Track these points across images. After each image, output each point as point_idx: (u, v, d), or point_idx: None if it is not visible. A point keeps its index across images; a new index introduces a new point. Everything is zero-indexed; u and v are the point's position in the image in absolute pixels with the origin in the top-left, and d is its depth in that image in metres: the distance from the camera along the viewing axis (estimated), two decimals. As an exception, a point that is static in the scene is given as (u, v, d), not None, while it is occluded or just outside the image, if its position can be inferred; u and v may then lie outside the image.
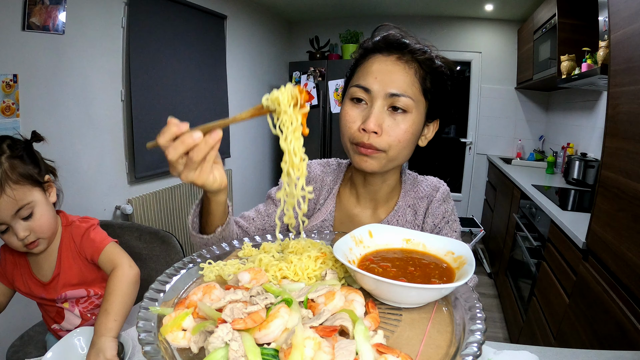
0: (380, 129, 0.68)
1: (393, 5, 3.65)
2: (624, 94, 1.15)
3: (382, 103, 0.69)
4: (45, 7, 1.74)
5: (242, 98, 3.52)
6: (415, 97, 0.69)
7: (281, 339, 0.38)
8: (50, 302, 0.95)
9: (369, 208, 0.83)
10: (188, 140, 0.52)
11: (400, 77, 0.69)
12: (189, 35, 2.67)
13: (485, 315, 0.42)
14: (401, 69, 0.69)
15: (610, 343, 1.07)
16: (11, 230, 0.81)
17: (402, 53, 0.70)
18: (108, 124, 2.17)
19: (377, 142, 0.69)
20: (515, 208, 2.40)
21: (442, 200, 0.82)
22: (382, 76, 0.69)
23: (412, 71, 0.70)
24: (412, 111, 0.69)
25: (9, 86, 1.62)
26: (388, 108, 0.69)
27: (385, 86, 0.68)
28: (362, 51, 0.75)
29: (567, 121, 3.08)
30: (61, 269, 0.92)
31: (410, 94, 0.69)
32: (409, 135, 0.70)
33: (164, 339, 0.40)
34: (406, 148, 0.72)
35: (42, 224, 0.84)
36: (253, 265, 0.55)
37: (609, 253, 1.16)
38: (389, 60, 0.70)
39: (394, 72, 0.69)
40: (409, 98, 0.68)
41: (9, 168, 0.79)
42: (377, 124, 0.68)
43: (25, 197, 0.81)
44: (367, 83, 0.70)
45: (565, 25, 2.35)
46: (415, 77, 0.70)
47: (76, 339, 0.74)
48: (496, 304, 2.64)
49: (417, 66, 0.70)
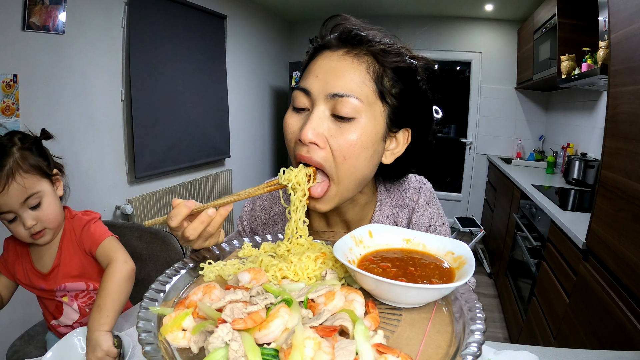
0: (323, 139, 0.55)
1: (393, 5, 3.65)
2: (624, 94, 1.15)
3: (323, 107, 0.56)
4: (45, 7, 1.74)
5: (242, 98, 3.52)
6: (366, 99, 0.55)
7: (281, 339, 0.38)
8: (49, 295, 0.96)
9: (342, 228, 0.74)
10: (205, 218, 0.54)
11: (346, 74, 0.55)
12: (189, 35, 2.67)
13: (485, 315, 0.42)
14: (348, 63, 0.56)
15: (610, 343, 1.07)
16: (19, 219, 0.84)
17: (352, 45, 0.57)
18: (108, 124, 2.17)
19: (320, 156, 0.56)
20: (515, 208, 2.40)
21: (426, 204, 0.72)
22: (324, 74, 0.56)
23: (363, 66, 0.56)
24: (362, 116, 0.55)
25: (9, 86, 1.62)
26: (332, 114, 0.56)
27: (326, 85, 0.55)
28: (312, 50, 0.62)
29: (567, 121, 3.09)
30: (61, 260, 0.94)
31: (358, 94, 0.55)
32: (359, 149, 0.55)
33: (164, 339, 0.40)
34: (355, 167, 0.57)
35: (49, 214, 0.87)
36: (253, 265, 0.55)
37: (609, 253, 1.16)
38: (335, 55, 0.57)
39: (338, 69, 0.56)
40: (356, 99, 0.54)
41: (19, 158, 0.82)
42: (316, 132, 0.55)
43: (34, 186, 0.84)
44: (307, 83, 0.57)
45: (565, 25, 2.35)
46: (368, 74, 0.56)
47: (76, 339, 0.74)
48: (496, 304, 2.64)
49: (371, 60, 0.57)
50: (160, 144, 2.49)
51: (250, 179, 3.75)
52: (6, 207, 0.81)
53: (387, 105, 0.58)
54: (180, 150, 2.68)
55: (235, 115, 3.36)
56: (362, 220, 0.72)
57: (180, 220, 0.54)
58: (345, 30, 0.58)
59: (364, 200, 0.70)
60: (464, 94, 4.00)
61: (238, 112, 3.43)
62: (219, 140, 3.13)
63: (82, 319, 0.99)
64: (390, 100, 0.58)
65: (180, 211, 0.54)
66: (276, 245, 0.63)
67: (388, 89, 0.57)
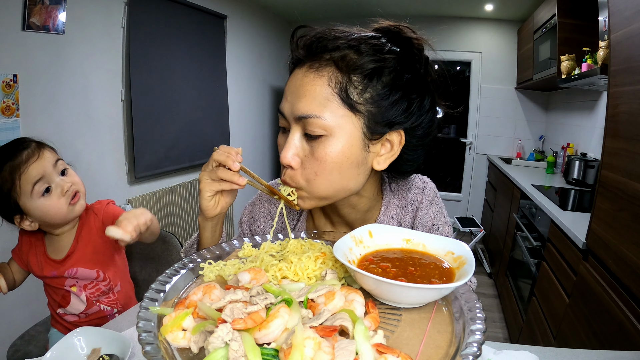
0: (298, 161, 0.57)
1: (393, 5, 3.65)
2: (624, 94, 1.15)
3: (296, 128, 0.57)
4: (45, 7, 1.74)
5: (242, 98, 3.52)
6: (332, 114, 0.54)
7: (281, 339, 0.38)
8: (58, 284, 0.99)
9: (346, 229, 0.74)
10: (230, 160, 0.57)
11: (308, 93, 0.54)
12: (189, 35, 2.67)
13: (485, 315, 0.42)
14: (309, 80, 0.55)
15: (610, 343, 1.07)
16: (52, 190, 0.89)
17: (314, 57, 0.56)
18: (108, 124, 2.17)
19: (292, 178, 0.58)
20: (515, 208, 2.40)
21: (430, 204, 0.73)
22: (291, 96, 0.57)
23: (324, 80, 0.54)
24: (333, 133, 0.54)
25: (9, 86, 1.62)
26: (303, 134, 0.57)
27: (293, 108, 0.56)
28: (289, 69, 0.63)
29: (567, 121, 3.09)
30: (77, 247, 0.98)
31: (321, 112, 0.53)
32: (334, 164, 0.55)
33: (164, 339, 0.40)
34: (335, 182, 0.57)
35: (77, 179, 0.97)
36: (253, 265, 0.55)
37: (609, 253, 1.16)
38: (300, 73, 0.57)
39: (301, 88, 0.55)
40: (318, 119, 0.53)
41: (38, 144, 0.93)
42: (292, 154, 0.57)
43: (57, 155, 0.95)
44: (281, 106, 0.59)
45: (565, 25, 2.35)
46: (330, 87, 0.54)
47: (76, 339, 0.73)
48: (496, 304, 2.64)
49: (332, 71, 0.54)
50: (160, 144, 2.49)
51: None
52: (41, 173, 0.87)
53: (361, 114, 0.55)
54: (180, 150, 2.68)
55: (235, 115, 3.36)
56: (367, 222, 0.71)
57: (221, 160, 0.58)
58: (307, 42, 0.57)
59: (365, 204, 0.69)
60: (464, 94, 4.00)
61: (238, 112, 3.43)
62: (219, 141, 3.13)
63: (88, 310, 1.01)
64: (363, 108, 0.55)
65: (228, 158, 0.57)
66: (277, 245, 0.63)
67: (356, 98, 0.54)
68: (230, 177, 0.58)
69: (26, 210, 0.89)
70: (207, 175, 0.60)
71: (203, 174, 0.61)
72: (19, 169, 0.85)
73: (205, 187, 0.60)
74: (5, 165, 0.85)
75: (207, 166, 0.60)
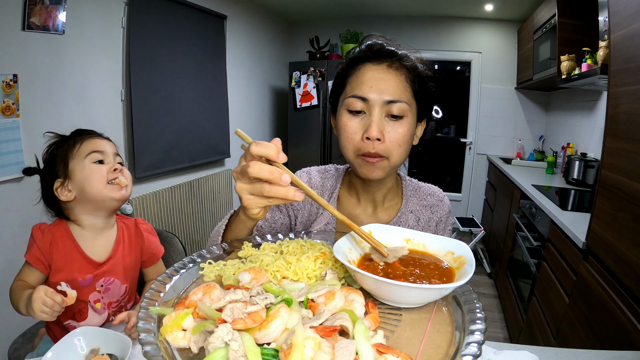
0: (383, 135, 0.70)
1: (393, 5, 3.65)
2: (624, 94, 1.15)
3: (380, 110, 0.70)
4: (45, 7, 1.74)
5: (242, 98, 3.52)
6: (409, 101, 0.72)
7: (281, 339, 0.38)
8: (81, 295, 0.91)
9: (369, 208, 0.85)
10: (276, 175, 0.49)
11: (394, 84, 0.71)
12: (189, 35, 2.67)
13: (485, 315, 0.42)
14: (393, 76, 0.72)
15: (610, 343, 1.07)
16: (105, 164, 0.94)
17: (392, 60, 0.73)
18: (108, 124, 2.17)
19: (381, 149, 0.71)
20: (515, 208, 2.40)
21: (449, 212, 0.88)
22: (377, 84, 0.71)
23: (403, 77, 0.72)
24: (408, 114, 0.71)
25: (9, 86, 1.62)
26: (386, 115, 0.71)
27: (382, 94, 0.70)
28: (349, 61, 0.76)
29: (567, 121, 3.09)
30: (117, 252, 0.98)
31: (404, 99, 0.71)
32: (407, 138, 0.72)
33: (164, 339, 0.40)
34: (406, 151, 0.74)
35: (128, 175, 1.00)
36: (253, 265, 0.55)
37: (609, 253, 1.16)
38: (381, 69, 0.72)
39: (387, 80, 0.71)
40: (404, 103, 0.70)
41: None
42: (379, 130, 0.70)
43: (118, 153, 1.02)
44: (363, 92, 0.71)
45: (565, 25, 2.35)
46: (407, 82, 0.72)
47: (76, 339, 0.74)
48: (496, 304, 2.64)
49: (406, 71, 0.73)
50: (160, 144, 2.49)
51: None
52: (102, 149, 0.95)
53: (417, 103, 0.74)
54: (180, 150, 2.68)
55: (235, 115, 3.36)
56: (388, 205, 0.85)
57: (262, 153, 0.50)
58: (383, 47, 0.74)
59: (390, 183, 0.84)
60: (464, 94, 4.00)
61: (238, 112, 3.43)
62: (219, 140, 3.13)
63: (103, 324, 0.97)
64: (418, 99, 0.74)
65: (270, 149, 0.50)
66: (277, 245, 0.63)
67: (417, 91, 0.74)
68: (284, 195, 0.50)
69: (71, 172, 0.91)
70: (247, 191, 0.52)
71: (242, 188, 0.52)
72: (85, 139, 0.95)
73: (251, 204, 0.53)
74: (76, 136, 0.96)
75: (242, 176, 0.51)
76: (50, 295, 0.79)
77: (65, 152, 0.93)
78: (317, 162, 3.67)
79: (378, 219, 0.84)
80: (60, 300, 0.81)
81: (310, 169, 0.92)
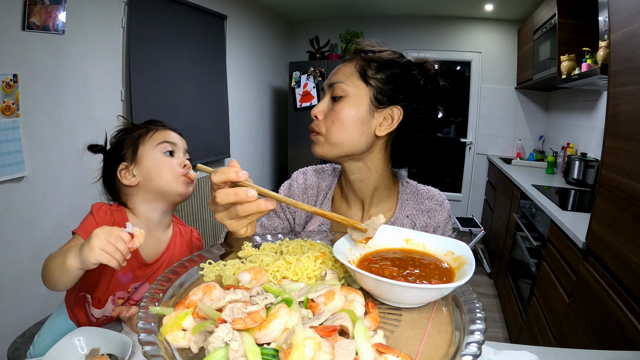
0: (322, 114, 0.76)
1: (393, 5, 3.65)
2: (624, 94, 1.15)
3: (327, 94, 0.77)
4: (45, 7, 1.74)
5: (242, 98, 3.52)
6: (352, 83, 0.74)
7: (281, 339, 0.38)
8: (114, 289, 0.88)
9: (358, 210, 0.85)
10: (242, 195, 0.54)
11: (341, 71, 0.77)
12: (189, 35, 2.67)
13: (485, 315, 0.42)
14: (344, 65, 0.78)
15: (610, 343, 1.07)
16: (175, 157, 0.92)
17: (349, 54, 0.79)
18: (108, 124, 2.16)
19: (316, 124, 0.77)
20: (515, 208, 2.40)
21: (448, 217, 0.86)
22: (331, 74, 0.79)
23: (352, 64, 0.76)
24: (349, 95, 0.74)
25: (9, 86, 1.62)
26: (330, 98, 0.76)
27: (329, 80, 0.78)
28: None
29: (567, 121, 3.09)
30: (163, 256, 0.94)
31: (344, 80, 0.75)
32: (346, 117, 0.73)
33: (164, 339, 0.40)
34: (346, 130, 0.74)
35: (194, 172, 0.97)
36: (253, 265, 0.55)
37: (609, 253, 1.16)
38: (341, 64, 0.80)
39: (338, 69, 0.78)
40: (342, 84, 0.74)
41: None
42: (319, 110, 0.76)
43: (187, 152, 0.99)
44: (325, 83, 0.80)
45: (565, 25, 2.35)
46: (355, 68, 0.75)
47: (76, 339, 0.73)
48: (496, 304, 2.64)
49: (359, 59, 0.76)
50: (160, 144, 2.49)
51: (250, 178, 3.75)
52: (175, 141, 0.93)
53: (372, 87, 0.74)
54: (180, 150, 2.68)
55: (235, 115, 3.36)
56: (380, 208, 0.84)
57: (222, 179, 0.55)
58: (347, 48, 0.80)
59: (374, 180, 0.81)
60: (464, 94, 4.00)
61: (238, 112, 3.43)
62: (219, 140, 3.13)
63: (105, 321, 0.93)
64: (373, 82, 0.74)
65: (228, 173, 0.54)
66: (277, 245, 0.63)
67: (370, 75, 0.74)
68: (257, 209, 0.55)
69: (140, 158, 0.89)
70: (226, 217, 0.58)
71: (221, 217, 0.58)
72: (159, 128, 0.94)
73: (235, 227, 0.59)
74: (150, 124, 0.95)
75: (216, 206, 0.57)
76: (116, 231, 0.68)
77: (137, 137, 0.91)
78: (316, 161, 3.66)
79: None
80: (127, 237, 0.69)
81: (307, 169, 0.93)
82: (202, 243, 1.06)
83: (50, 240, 1.84)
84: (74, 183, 1.94)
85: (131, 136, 0.92)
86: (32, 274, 1.71)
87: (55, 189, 1.88)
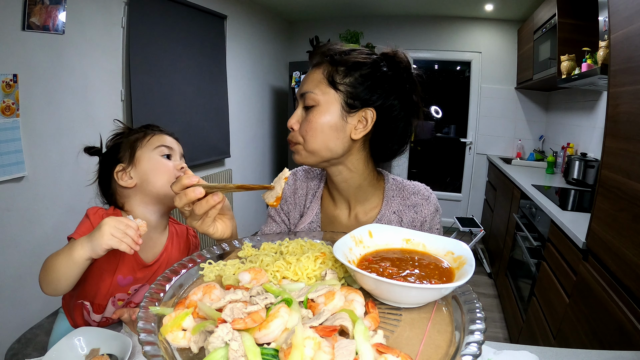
0: (298, 124, 0.77)
1: (393, 5, 3.65)
2: (624, 94, 1.15)
3: (300, 104, 0.77)
4: (45, 7, 1.74)
5: (242, 98, 3.52)
6: (321, 90, 0.74)
7: (281, 339, 0.38)
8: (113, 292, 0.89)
9: (345, 209, 0.86)
10: (190, 194, 0.60)
11: (309, 79, 0.76)
12: (189, 35, 2.66)
13: (485, 315, 0.43)
14: (312, 72, 0.77)
15: (610, 343, 1.07)
16: (172, 160, 0.93)
17: (315, 58, 0.78)
18: (108, 124, 2.17)
19: (293, 136, 0.77)
20: (515, 208, 2.40)
21: (435, 211, 0.85)
22: (302, 82, 0.79)
23: (320, 70, 0.75)
24: (320, 103, 0.74)
25: (9, 86, 1.62)
26: (303, 107, 0.76)
27: (300, 91, 0.77)
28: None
29: (567, 121, 3.09)
30: (162, 257, 0.94)
31: (313, 89, 0.74)
32: (320, 125, 0.74)
33: (164, 339, 0.40)
34: (321, 138, 0.74)
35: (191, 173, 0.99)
36: (253, 265, 0.55)
37: (609, 253, 1.16)
38: (310, 70, 0.79)
39: (306, 77, 0.78)
40: (311, 93, 0.74)
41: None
42: (294, 121, 0.77)
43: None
44: (297, 93, 0.79)
45: (565, 25, 2.35)
46: (323, 75, 0.75)
47: (76, 339, 0.73)
48: (496, 304, 2.64)
49: (326, 65, 0.76)
50: (160, 144, 2.49)
51: (250, 178, 3.75)
52: (172, 146, 0.93)
53: (341, 92, 0.74)
54: (180, 150, 2.68)
55: (235, 115, 3.36)
56: (367, 207, 0.84)
57: (178, 188, 0.62)
58: (312, 51, 0.80)
59: (357, 180, 0.81)
60: (464, 94, 4.00)
61: (238, 112, 3.43)
62: (219, 140, 3.13)
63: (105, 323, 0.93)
64: (342, 87, 0.74)
65: (181, 179, 0.62)
66: (277, 245, 0.63)
67: (339, 80, 0.74)
68: (207, 205, 0.61)
69: (137, 160, 0.90)
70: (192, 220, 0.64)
71: (189, 221, 0.65)
72: (156, 132, 0.94)
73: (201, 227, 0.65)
74: (147, 128, 0.96)
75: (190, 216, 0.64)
76: (124, 219, 0.71)
77: (135, 140, 0.92)
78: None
79: (358, 220, 0.84)
80: (135, 225, 0.72)
81: (297, 170, 0.94)
82: (199, 240, 1.07)
83: (50, 240, 1.84)
84: (74, 183, 1.94)
85: (128, 139, 0.93)
86: (32, 274, 1.70)
87: (55, 189, 1.88)
